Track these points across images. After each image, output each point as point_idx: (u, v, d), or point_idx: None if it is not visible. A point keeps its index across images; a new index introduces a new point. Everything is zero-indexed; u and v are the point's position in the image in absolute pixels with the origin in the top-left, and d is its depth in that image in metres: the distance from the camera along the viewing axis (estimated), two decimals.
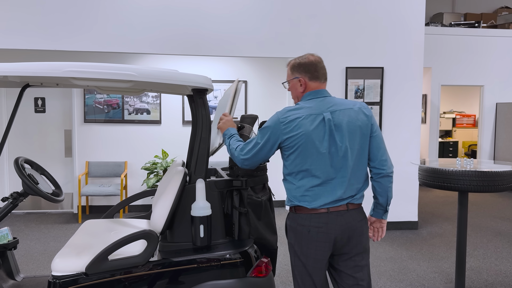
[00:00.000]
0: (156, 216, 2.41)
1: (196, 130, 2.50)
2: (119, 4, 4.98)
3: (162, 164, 6.10)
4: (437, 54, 8.16)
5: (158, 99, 6.49)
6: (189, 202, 2.48)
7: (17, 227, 5.67)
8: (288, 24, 5.30)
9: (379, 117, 5.50)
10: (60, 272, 2.32)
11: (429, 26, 8.30)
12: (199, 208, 2.36)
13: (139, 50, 5.06)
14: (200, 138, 2.48)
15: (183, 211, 2.48)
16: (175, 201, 2.42)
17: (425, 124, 8.64)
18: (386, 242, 5.16)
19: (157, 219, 2.40)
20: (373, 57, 5.49)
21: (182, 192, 2.48)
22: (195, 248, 2.47)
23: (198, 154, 2.48)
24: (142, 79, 2.22)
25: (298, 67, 2.22)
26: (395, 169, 5.63)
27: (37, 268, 4.24)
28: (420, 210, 6.79)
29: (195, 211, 2.37)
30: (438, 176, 3.25)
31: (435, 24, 8.50)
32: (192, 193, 2.48)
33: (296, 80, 2.23)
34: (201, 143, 2.48)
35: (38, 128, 6.45)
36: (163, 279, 2.37)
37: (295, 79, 2.23)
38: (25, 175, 2.54)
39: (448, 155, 10.56)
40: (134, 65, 2.30)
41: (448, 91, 11.39)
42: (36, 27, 4.84)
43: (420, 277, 4.12)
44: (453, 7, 10.38)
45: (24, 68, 2.14)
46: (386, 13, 5.46)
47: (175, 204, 2.42)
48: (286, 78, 2.31)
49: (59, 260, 2.35)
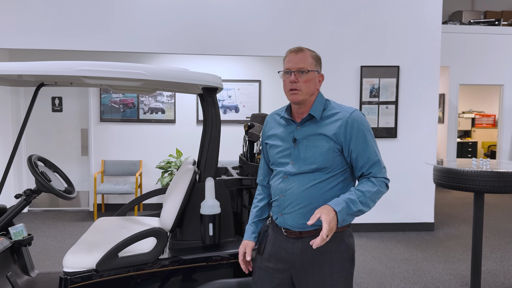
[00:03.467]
0: (166, 214, 2.43)
1: (206, 128, 2.51)
2: (132, 4, 5.03)
3: (176, 163, 6.14)
4: (455, 52, 8.01)
5: (173, 99, 6.54)
6: (198, 200, 2.49)
7: (35, 224, 5.77)
8: (302, 22, 5.27)
9: (394, 116, 5.44)
10: (72, 268, 2.35)
11: (447, 24, 8.16)
12: (208, 206, 2.37)
13: (151, 49, 5.10)
14: (210, 137, 2.48)
15: (193, 210, 2.49)
16: (185, 199, 2.43)
17: (443, 124, 8.50)
18: (401, 244, 5.09)
19: (166, 217, 2.42)
20: (388, 56, 5.42)
21: (192, 191, 2.48)
22: (204, 246, 2.47)
23: (208, 152, 2.49)
24: (152, 78, 2.24)
25: (320, 62, 1.91)
26: (412, 169, 5.55)
27: (53, 264, 4.31)
28: (437, 212, 6.69)
29: (204, 210, 2.37)
30: (453, 177, 3.19)
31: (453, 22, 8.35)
32: (201, 191, 2.49)
33: (318, 75, 1.88)
34: (210, 141, 2.49)
35: (55, 127, 6.56)
36: (173, 276, 2.38)
37: (316, 73, 1.87)
38: (38, 172, 2.58)
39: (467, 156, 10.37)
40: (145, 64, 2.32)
41: (467, 90, 11.19)
42: (51, 28, 4.92)
43: (435, 279, 4.06)
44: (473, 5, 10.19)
45: (37, 67, 2.18)
46: (402, 11, 5.39)
47: (185, 202, 2.43)
48: (304, 65, 1.81)
49: (71, 257, 2.38)
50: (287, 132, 1.90)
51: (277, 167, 1.92)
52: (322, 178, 1.81)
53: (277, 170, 1.92)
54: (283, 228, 1.90)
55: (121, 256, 2.34)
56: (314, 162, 1.81)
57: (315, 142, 1.82)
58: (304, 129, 1.86)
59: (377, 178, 1.82)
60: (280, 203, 1.88)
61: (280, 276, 1.90)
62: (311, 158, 1.81)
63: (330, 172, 1.82)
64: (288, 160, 1.87)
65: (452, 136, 8.31)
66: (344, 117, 1.81)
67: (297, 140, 1.86)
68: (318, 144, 1.81)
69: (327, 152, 1.80)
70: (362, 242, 5.15)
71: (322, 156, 1.80)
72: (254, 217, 2.08)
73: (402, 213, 5.59)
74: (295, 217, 1.84)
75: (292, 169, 1.84)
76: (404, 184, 5.55)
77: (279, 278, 1.90)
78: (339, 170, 1.83)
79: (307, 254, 1.84)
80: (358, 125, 1.80)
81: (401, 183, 5.55)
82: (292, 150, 1.86)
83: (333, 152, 1.80)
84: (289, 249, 1.87)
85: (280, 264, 1.90)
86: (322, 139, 1.81)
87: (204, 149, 2.50)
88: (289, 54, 1.86)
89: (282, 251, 1.89)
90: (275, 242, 1.93)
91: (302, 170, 1.82)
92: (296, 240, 1.86)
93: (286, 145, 1.89)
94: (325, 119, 1.85)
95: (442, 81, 8.33)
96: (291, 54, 1.84)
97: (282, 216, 1.88)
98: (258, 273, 1.97)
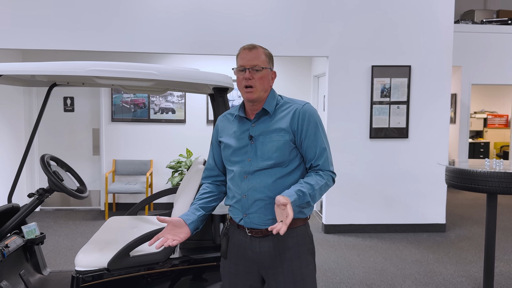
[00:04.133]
0: (177, 214, 2.43)
1: None
2: (143, 5, 5.05)
3: (186, 163, 6.16)
4: (467, 52, 7.93)
5: (183, 99, 6.56)
6: None
7: (47, 223, 5.83)
8: (313, 22, 5.26)
9: (406, 116, 5.39)
10: (83, 267, 2.37)
11: (459, 23, 8.08)
12: (219, 206, 2.37)
13: (161, 50, 5.12)
14: None
15: None
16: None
17: (455, 125, 8.42)
18: (412, 245, 5.05)
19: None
20: (400, 55, 5.38)
21: None
22: (215, 246, 2.47)
23: None
24: (163, 78, 2.24)
25: (272, 60, 1.91)
26: (423, 170, 5.50)
27: (64, 263, 4.35)
28: (449, 213, 6.62)
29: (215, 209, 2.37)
30: (465, 177, 3.15)
31: (466, 22, 8.27)
32: None
33: (271, 72, 1.89)
34: None
35: (67, 127, 6.62)
36: (183, 276, 2.39)
37: (269, 70, 1.87)
38: (50, 171, 2.60)
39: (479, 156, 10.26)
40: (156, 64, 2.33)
41: (479, 90, 11.06)
42: (63, 28, 4.96)
43: (446, 281, 4.02)
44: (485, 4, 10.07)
45: (50, 68, 2.20)
46: (414, 10, 5.35)
47: None
48: (258, 62, 1.81)
49: (83, 256, 2.40)
50: (241, 130, 1.88)
51: (233, 166, 1.87)
52: (282, 173, 1.81)
53: (233, 170, 1.87)
54: (247, 229, 1.86)
55: (133, 255, 2.36)
56: (271, 157, 1.80)
57: (271, 138, 1.82)
58: (259, 126, 1.85)
59: (324, 172, 1.83)
60: (244, 204, 1.83)
61: (252, 277, 1.89)
62: (267, 153, 1.81)
63: (288, 166, 1.82)
64: (245, 157, 1.84)
65: (464, 136, 8.23)
66: (297, 108, 1.84)
67: (253, 137, 1.84)
68: (274, 139, 1.82)
69: (283, 146, 1.80)
70: (372, 243, 5.12)
71: (279, 150, 1.80)
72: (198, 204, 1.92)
73: (413, 214, 5.55)
74: (261, 214, 1.81)
75: (250, 167, 1.82)
76: (415, 185, 5.51)
77: (251, 280, 1.89)
78: (297, 163, 1.84)
79: (275, 251, 1.83)
80: (309, 116, 1.83)
81: (412, 183, 5.51)
82: (248, 148, 1.85)
83: (289, 145, 1.81)
84: (256, 248, 1.85)
85: (248, 264, 1.88)
86: (278, 133, 1.82)
87: None
88: (242, 51, 1.84)
89: (249, 252, 1.86)
90: (239, 244, 1.89)
91: (261, 166, 1.81)
92: (262, 239, 1.84)
93: (241, 143, 1.86)
94: (278, 113, 1.86)
95: (454, 81, 8.25)
96: (245, 51, 1.83)
97: (247, 217, 1.83)
98: (229, 278, 1.93)
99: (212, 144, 2.02)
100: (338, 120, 5.39)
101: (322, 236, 5.38)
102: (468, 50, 7.95)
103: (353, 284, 3.92)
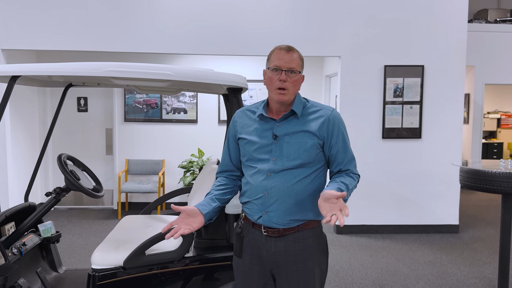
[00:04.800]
0: None
1: None
2: (157, 6, 5.09)
3: (198, 163, 6.19)
4: (481, 52, 7.85)
5: (195, 99, 6.59)
6: None
7: (60, 222, 5.90)
8: (325, 22, 5.25)
9: (419, 116, 5.36)
10: (100, 265, 2.39)
11: (472, 23, 8.00)
12: (233, 205, 2.38)
13: (174, 50, 5.15)
14: None
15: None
16: None
17: (468, 125, 8.34)
18: (425, 246, 5.02)
19: None
20: (413, 55, 5.35)
21: None
22: (229, 245, 2.49)
23: None
24: (179, 78, 2.26)
25: (303, 64, 1.91)
26: (436, 170, 5.46)
27: (78, 261, 4.40)
28: (462, 214, 6.57)
29: (229, 209, 2.39)
30: (481, 178, 3.13)
31: (479, 21, 8.18)
32: None
33: (301, 76, 1.89)
34: None
35: (80, 127, 6.69)
36: (198, 275, 2.40)
37: (301, 74, 1.88)
38: (67, 171, 2.64)
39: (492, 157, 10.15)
40: (171, 65, 2.35)
41: (492, 90, 10.94)
42: (76, 29, 5.02)
43: (460, 282, 3.99)
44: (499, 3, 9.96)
45: (67, 68, 2.23)
46: (427, 9, 5.31)
47: None
48: (295, 66, 1.82)
49: (99, 254, 2.42)
50: (264, 128, 1.88)
51: (256, 164, 1.88)
52: (305, 174, 1.84)
53: (256, 167, 1.87)
54: (263, 227, 1.86)
55: (148, 254, 2.38)
56: (298, 158, 1.82)
57: (298, 139, 1.84)
58: (284, 126, 1.86)
59: (354, 175, 1.91)
60: (265, 201, 1.84)
61: (265, 276, 1.90)
62: (294, 154, 1.82)
63: (312, 167, 1.86)
64: (268, 156, 1.85)
65: (477, 137, 8.15)
66: (326, 114, 1.88)
67: (278, 136, 1.85)
68: (301, 140, 1.84)
69: (310, 148, 1.83)
70: (385, 243, 5.09)
71: (306, 152, 1.83)
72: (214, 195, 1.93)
73: (426, 215, 5.51)
74: (281, 213, 1.82)
75: (275, 166, 1.83)
76: (428, 186, 5.47)
77: (265, 278, 1.90)
78: (319, 165, 1.88)
79: (290, 251, 1.84)
80: (338, 123, 1.89)
81: (425, 184, 5.47)
82: (273, 147, 1.85)
83: (316, 148, 1.84)
84: (272, 248, 1.85)
85: (262, 263, 1.89)
86: (305, 135, 1.84)
87: None
88: (279, 52, 1.82)
89: (263, 251, 1.87)
90: (254, 244, 1.89)
91: (286, 166, 1.82)
92: (278, 239, 1.85)
93: (264, 142, 1.86)
94: (306, 116, 1.88)
95: (467, 81, 8.18)
96: (282, 52, 1.82)
97: (267, 214, 1.84)
98: (244, 277, 1.93)
99: (228, 139, 2.01)
100: (350, 120, 5.37)
101: (334, 236, 5.37)
102: (482, 50, 7.87)
103: (366, 284, 3.91)
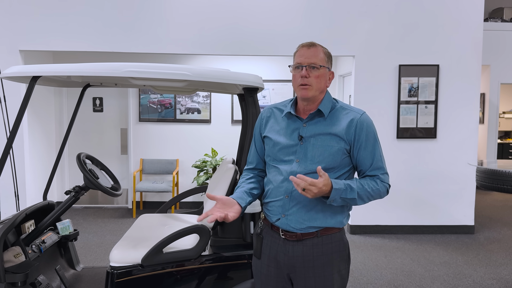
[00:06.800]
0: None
1: (247, 128, 2.54)
2: (172, 7, 5.13)
3: (211, 162, 6.22)
4: (496, 51, 7.76)
5: (209, 99, 6.62)
6: None
7: (76, 220, 5.98)
8: (339, 21, 5.24)
9: (434, 116, 5.32)
10: (118, 263, 2.43)
11: (488, 22, 7.91)
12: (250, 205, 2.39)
13: (189, 51, 5.19)
14: (250, 136, 2.51)
15: None
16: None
17: (483, 125, 8.25)
18: (440, 246, 4.98)
19: None
20: (428, 54, 5.31)
21: (233, 189, 2.52)
22: (245, 244, 2.50)
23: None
24: (196, 78, 2.29)
25: (331, 59, 1.85)
26: (451, 170, 5.42)
27: (95, 259, 4.46)
28: (477, 214, 6.50)
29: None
30: (498, 178, 3.10)
31: (494, 20, 8.09)
32: None
33: (329, 72, 1.83)
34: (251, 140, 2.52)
35: (96, 127, 6.77)
36: (214, 273, 2.43)
37: (327, 69, 1.82)
38: (86, 170, 2.68)
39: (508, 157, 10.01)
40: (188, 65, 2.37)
41: (508, 90, 10.79)
42: (92, 30, 5.08)
43: (476, 283, 3.95)
44: None
45: (86, 69, 2.26)
46: (442, 8, 5.27)
47: None
48: (316, 60, 1.76)
49: (117, 252, 2.46)
50: (291, 128, 1.83)
51: (279, 165, 1.83)
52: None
53: (279, 168, 1.82)
54: (281, 230, 1.83)
55: (166, 252, 2.41)
56: (322, 161, 1.75)
57: (324, 142, 1.77)
58: (311, 127, 1.80)
59: (382, 182, 1.81)
60: (285, 204, 1.79)
61: (283, 280, 1.87)
62: (319, 157, 1.76)
63: (337, 172, 1.79)
64: (293, 157, 1.79)
65: (493, 137, 8.05)
66: (355, 117, 1.79)
67: (304, 138, 1.79)
68: (327, 143, 1.77)
69: (336, 152, 1.76)
70: (400, 244, 5.07)
71: (331, 156, 1.76)
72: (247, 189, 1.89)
73: (441, 215, 5.47)
74: (300, 218, 1.78)
75: (299, 168, 1.77)
76: (443, 186, 5.43)
77: (282, 282, 1.87)
78: (344, 170, 1.81)
79: (308, 256, 1.79)
80: (367, 127, 1.79)
81: (440, 184, 5.43)
82: (298, 148, 1.79)
83: (342, 153, 1.77)
84: (289, 252, 1.81)
85: (280, 267, 1.85)
86: (332, 139, 1.77)
87: (245, 148, 2.53)
88: (300, 49, 1.80)
89: (281, 255, 1.84)
90: (272, 246, 1.86)
91: (310, 169, 1.76)
92: (296, 243, 1.81)
93: (290, 142, 1.81)
94: (333, 117, 1.80)
95: (483, 80, 8.09)
96: (303, 49, 1.78)
97: (285, 217, 1.79)
98: (262, 279, 1.92)
99: (255, 137, 1.97)
100: None
101: (348, 237, 5.35)
102: (497, 49, 7.78)
103: (381, 285, 3.90)
